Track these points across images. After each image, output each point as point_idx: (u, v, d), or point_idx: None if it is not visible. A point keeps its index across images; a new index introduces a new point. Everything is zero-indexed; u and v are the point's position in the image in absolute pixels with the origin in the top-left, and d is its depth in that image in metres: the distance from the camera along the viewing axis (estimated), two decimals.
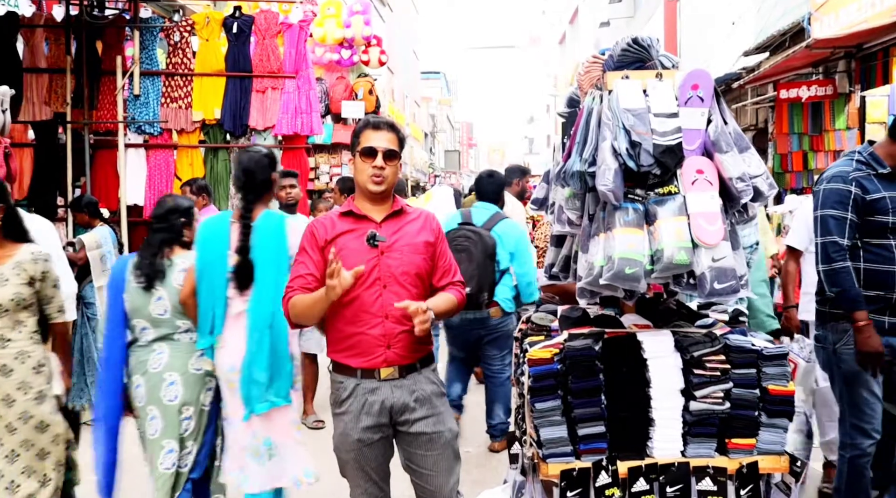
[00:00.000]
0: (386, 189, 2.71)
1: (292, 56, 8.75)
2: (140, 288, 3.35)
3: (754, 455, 2.54)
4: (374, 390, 2.66)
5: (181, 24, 8.74)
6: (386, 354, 2.66)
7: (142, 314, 3.37)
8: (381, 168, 2.66)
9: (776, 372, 2.54)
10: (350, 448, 2.69)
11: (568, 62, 36.25)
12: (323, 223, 2.75)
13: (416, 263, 2.71)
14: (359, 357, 2.67)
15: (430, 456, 2.74)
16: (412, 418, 2.70)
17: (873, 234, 3.31)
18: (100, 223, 5.71)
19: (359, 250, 2.63)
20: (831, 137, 9.94)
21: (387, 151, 2.68)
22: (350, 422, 2.67)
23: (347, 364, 2.69)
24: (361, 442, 2.68)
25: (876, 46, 8.97)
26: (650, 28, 18.25)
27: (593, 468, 2.50)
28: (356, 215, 2.73)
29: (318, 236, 2.70)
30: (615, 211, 2.41)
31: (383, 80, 16.55)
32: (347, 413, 2.68)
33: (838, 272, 3.23)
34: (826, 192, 3.34)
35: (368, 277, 2.62)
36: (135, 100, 8.46)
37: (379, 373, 2.66)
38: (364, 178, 2.69)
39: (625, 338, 2.60)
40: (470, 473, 4.64)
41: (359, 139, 2.72)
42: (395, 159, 2.71)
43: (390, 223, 2.74)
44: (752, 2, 12.15)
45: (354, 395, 2.67)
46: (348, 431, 2.68)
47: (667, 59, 2.53)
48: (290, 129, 8.72)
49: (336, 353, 2.73)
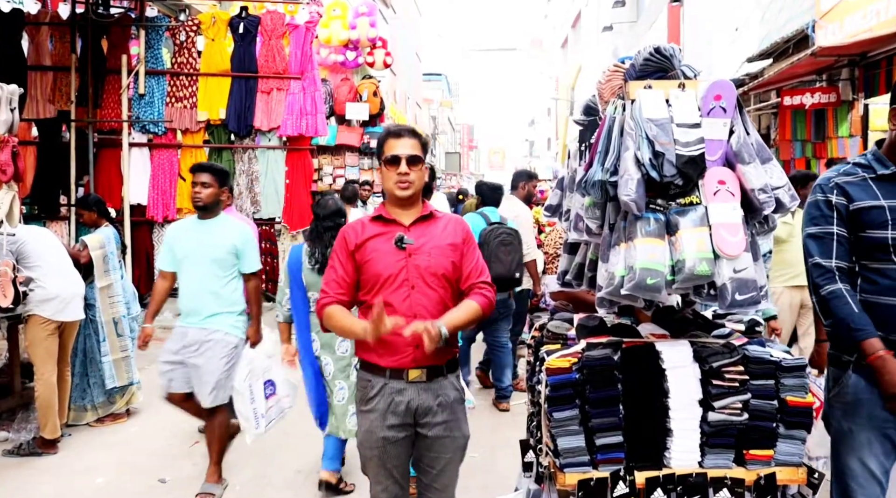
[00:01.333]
0: (413, 193, 2.80)
1: (298, 57, 8.75)
2: (313, 270, 4.21)
3: (772, 466, 2.53)
4: (401, 391, 2.74)
5: (187, 23, 8.74)
6: (415, 354, 2.72)
7: (315, 288, 4.13)
8: (405, 174, 2.76)
9: (795, 383, 2.53)
10: (374, 445, 2.76)
11: (570, 66, 36.27)
12: (354, 228, 2.86)
13: (442, 264, 2.78)
14: (388, 356, 2.74)
15: (442, 458, 2.84)
16: (433, 422, 2.78)
17: (869, 255, 2.58)
18: (106, 223, 5.69)
19: (388, 252, 2.75)
20: (834, 145, 9.95)
21: (409, 157, 2.77)
22: (376, 419, 2.75)
23: (377, 363, 2.77)
24: (386, 440, 2.75)
25: (880, 55, 8.98)
26: (653, 33, 18.27)
27: (611, 478, 2.49)
28: (385, 220, 2.83)
29: (348, 241, 2.82)
30: (636, 221, 2.40)
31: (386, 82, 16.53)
32: (374, 411, 2.76)
33: (828, 300, 2.54)
34: (806, 209, 2.70)
35: (397, 278, 2.73)
36: (139, 99, 8.46)
37: (407, 374, 2.74)
38: (390, 185, 2.79)
39: (643, 347, 2.59)
40: (476, 479, 4.64)
41: (382, 149, 2.83)
42: (419, 164, 2.80)
43: (419, 227, 2.83)
44: (756, 8, 12.16)
45: (382, 394, 2.75)
46: (374, 428, 2.76)
47: (689, 69, 2.52)
48: (294, 131, 8.72)
49: (365, 352, 2.80)
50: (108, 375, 5.54)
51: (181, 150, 8.72)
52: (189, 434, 5.48)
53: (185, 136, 8.75)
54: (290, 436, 5.44)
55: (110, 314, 5.59)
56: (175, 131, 8.70)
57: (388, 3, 24.59)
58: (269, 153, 8.85)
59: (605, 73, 2.67)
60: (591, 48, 29.76)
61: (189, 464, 4.93)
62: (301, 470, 4.85)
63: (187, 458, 5.06)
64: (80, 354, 5.59)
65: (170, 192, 8.58)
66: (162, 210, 8.56)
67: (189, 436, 5.46)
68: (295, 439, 5.35)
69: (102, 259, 5.51)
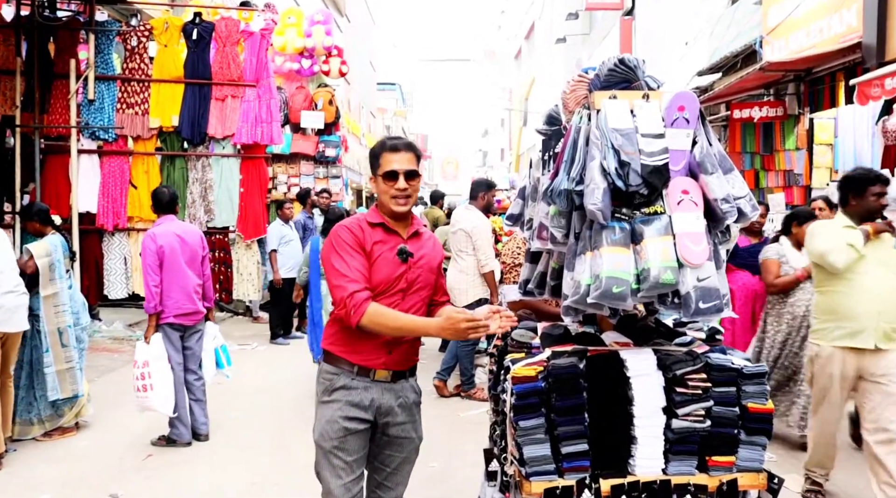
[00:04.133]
0: (409, 208, 2.84)
1: (253, 64, 8.64)
2: None
3: (734, 472, 2.57)
4: (367, 388, 2.79)
5: (139, 28, 8.55)
6: (386, 359, 2.80)
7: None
8: (403, 189, 2.78)
9: (755, 390, 2.58)
10: (335, 435, 2.75)
11: (524, 77, 36.63)
12: (360, 226, 2.81)
13: (430, 279, 2.91)
14: (359, 355, 2.78)
15: (397, 457, 2.93)
16: (392, 422, 2.84)
17: None
18: (51, 231, 5.51)
19: (390, 262, 2.78)
20: (781, 157, 10.24)
21: (407, 172, 2.78)
22: (339, 410, 2.76)
23: (346, 359, 2.79)
24: (348, 430, 2.75)
25: (823, 71, 9.29)
26: (606, 46, 18.59)
27: (576, 486, 2.49)
28: (387, 229, 2.83)
29: (358, 237, 2.78)
30: (602, 230, 2.42)
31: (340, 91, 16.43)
32: (337, 401, 2.77)
33: None
34: None
35: (393, 286, 2.78)
36: (89, 104, 8.24)
37: (374, 373, 2.79)
38: (387, 199, 2.80)
39: (608, 356, 2.60)
40: (435, 489, 4.62)
41: (378, 162, 2.81)
42: (416, 179, 2.83)
43: (413, 241, 2.89)
44: (705, 23, 12.47)
45: (346, 387, 2.78)
46: (335, 418, 2.76)
47: (652, 80, 2.56)
48: (249, 138, 8.60)
49: (335, 345, 2.83)
50: (51, 387, 5.34)
51: (132, 158, 8.51)
52: (142, 447, 5.34)
53: (136, 143, 8.54)
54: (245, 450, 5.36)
55: (55, 324, 5.39)
56: (126, 138, 8.49)
57: (343, 11, 24.50)
58: (224, 161, 8.70)
59: (569, 83, 2.70)
60: (544, 60, 30.11)
61: (141, 478, 4.79)
62: (255, 482, 4.76)
63: (139, 471, 4.91)
64: (26, 366, 5.39)
65: (120, 200, 8.36)
66: (112, 218, 8.34)
67: (142, 449, 5.32)
68: (249, 453, 5.27)
69: (48, 267, 5.34)
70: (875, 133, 7.73)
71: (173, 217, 5.51)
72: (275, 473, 4.91)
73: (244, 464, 5.05)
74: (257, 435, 5.70)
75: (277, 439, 5.58)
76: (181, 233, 5.42)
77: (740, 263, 6.15)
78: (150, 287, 5.22)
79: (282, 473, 4.88)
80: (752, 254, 5.93)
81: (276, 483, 4.75)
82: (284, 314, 9.85)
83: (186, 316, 5.38)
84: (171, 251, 5.30)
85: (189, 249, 5.41)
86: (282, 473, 4.88)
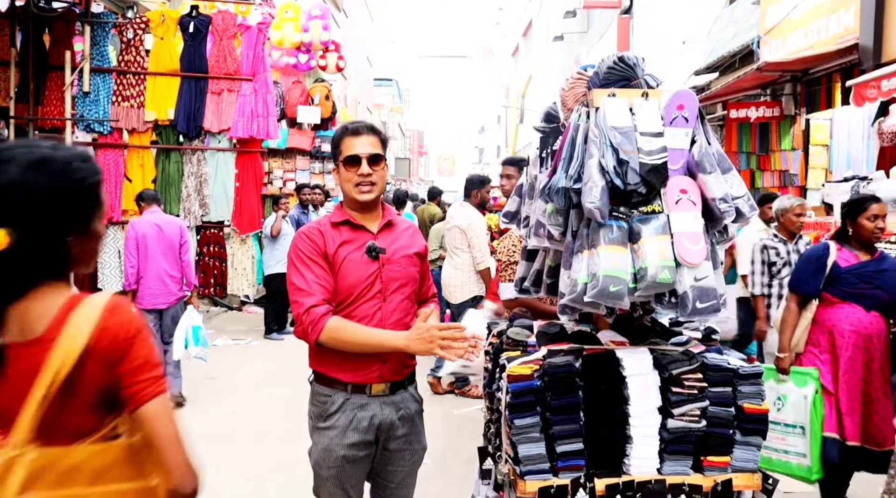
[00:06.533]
0: (375, 196, 2.64)
1: (249, 58, 8.62)
2: None
3: (728, 473, 2.56)
4: (364, 406, 2.60)
5: (135, 20, 8.51)
6: (381, 370, 2.60)
7: None
8: (367, 175, 2.59)
9: (751, 390, 2.57)
10: (333, 464, 2.59)
11: (521, 74, 36.61)
12: (319, 231, 2.62)
13: (411, 273, 2.71)
14: (351, 371, 2.58)
15: (400, 471, 2.76)
16: (394, 435, 2.68)
17: None
18: None
19: (360, 263, 2.58)
20: (777, 157, 10.26)
21: (371, 156, 2.60)
22: (336, 437, 2.58)
23: (337, 378, 2.59)
24: (346, 459, 2.59)
25: (820, 72, 9.31)
26: (603, 44, 18.57)
27: (571, 485, 2.48)
28: (353, 225, 2.65)
29: (317, 244, 2.58)
30: (600, 228, 2.40)
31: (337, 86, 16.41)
32: (334, 428, 2.58)
33: None
34: None
35: (371, 288, 2.59)
36: (84, 97, 8.20)
37: (370, 388, 2.60)
38: (350, 188, 2.62)
39: (604, 355, 2.59)
40: (430, 486, 4.60)
41: (340, 148, 2.64)
42: (380, 163, 2.63)
43: (385, 234, 2.69)
44: (702, 23, 12.47)
45: (343, 410, 2.59)
46: (333, 446, 2.58)
47: (651, 78, 2.54)
48: (245, 133, 8.58)
49: (323, 365, 2.62)
50: None
51: (127, 151, 8.48)
52: None
53: (131, 136, 8.51)
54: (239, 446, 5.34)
55: None
56: (121, 131, 8.46)
57: (341, 6, 24.43)
58: (219, 155, 8.68)
59: (568, 81, 2.68)
60: (541, 57, 30.09)
61: None
62: (250, 479, 4.75)
63: None
64: None
65: (115, 193, 8.34)
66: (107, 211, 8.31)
67: None
68: (244, 450, 5.26)
69: None
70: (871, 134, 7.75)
71: (158, 209, 6.44)
72: (270, 470, 4.90)
73: (238, 461, 5.03)
74: (251, 431, 5.69)
75: (272, 435, 5.57)
76: (160, 223, 6.28)
77: (846, 293, 4.17)
78: (127, 268, 6.20)
79: (277, 470, 4.87)
80: (865, 277, 4.16)
81: (271, 480, 4.74)
82: (279, 309, 9.83)
83: (158, 299, 6.23)
84: (148, 239, 6.13)
85: (166, 239, 6.20)
86: (277, 470, 4.87)
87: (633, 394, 2.52)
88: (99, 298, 1.51)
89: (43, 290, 1.50)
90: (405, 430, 2.70)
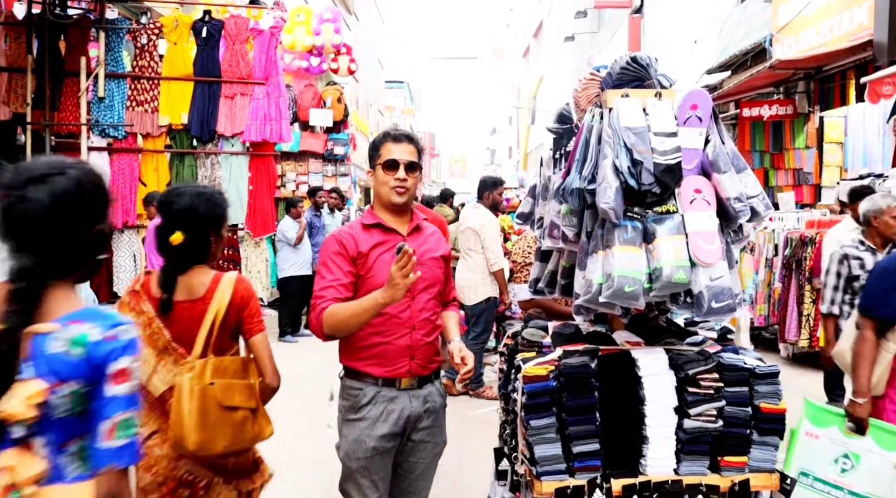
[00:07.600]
0: (408, 200, 2.77)
1: (262, 62, 8.65)
2: None
3: (746, 473, 2.56)
4: (394, 399, 2.71)
5: (149, 26, 8.57)
6: (410, 365, 2.72)
7: None
8: (403, 180, 2.72)
9: (768, 390, 2.56)
10: (363, 455, 2.68)
11: (532, 75, 36.56)
12: (350, 234, 2.74)
13: (437, 275, 2.84)
14: (382, 366, 2.70)
15: (421, 462, 2.86)
16: (419, 427, 2.78)
17: None
18: None
19: (391, 263, 2.58)
20: (791, 156, 10.20)
21: (408, 163, 2.74)
22: (366, 428, 2.68)
23: (368, 372, 2.71)
24: (376, 450, 2.69)
25: (834, 69, 9.25)
26: (614, 44, 18.53)
27: (587, 486, 2.49)
28: (385, 228, 2.76)
29: (347, 248, 2.70)
30: (614, 229, 2.41)
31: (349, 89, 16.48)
32: (364, 419, 2.69)
33: None
34: None
35: None
36: (99, 102, 8.26)
37: (399, 382, 2.71)
38: (386, 190, 2.74)
39: (619, 355, 2.59)
40: (443, 487, 4.61)
41: (379, 152, 2.76)
42: (416, 171, 2.77)
43: (415, 237, 2.81)
44: (714, 21, 12.42)
45: (374, 402, 2.70)
46: (363, 437, 2.68)
47: (665, 78, 2.55)
48: (258, 136, 8.61)
49: (355, 360, 2.74)
50: None
51: (142, 155, 8.54)
52: None
53: (146, 140, 8.56)
54: None
55: None
56: (136, 136, 8.52)
57: (352, 9, 24.52)
58: (233, 159, 8.72)
59: (581, 82, 2.69)
60: (552, 58, 30.04)
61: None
62: None
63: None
64: None
65: (130, 197, 8.39)
66: (122, 215, 8.37)
67: None
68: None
69: None
70: (886, 131, 7.71)
71: None
72: (282, 469, 4.92)
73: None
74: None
75: (284, 436, 5.58)
76: None
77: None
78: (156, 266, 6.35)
79: (289, 471, 4.89)
80: None
81: (284, 480, 4.76)
82: (293, 312, 9.87)
83: None
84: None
85: None
86: (289, 471, 4.89)
87: (649, 394, 2.52)
88: (231, 275, 2.62)
89: (197, 269, 2.59)
90: (429, 422, 2.80)
